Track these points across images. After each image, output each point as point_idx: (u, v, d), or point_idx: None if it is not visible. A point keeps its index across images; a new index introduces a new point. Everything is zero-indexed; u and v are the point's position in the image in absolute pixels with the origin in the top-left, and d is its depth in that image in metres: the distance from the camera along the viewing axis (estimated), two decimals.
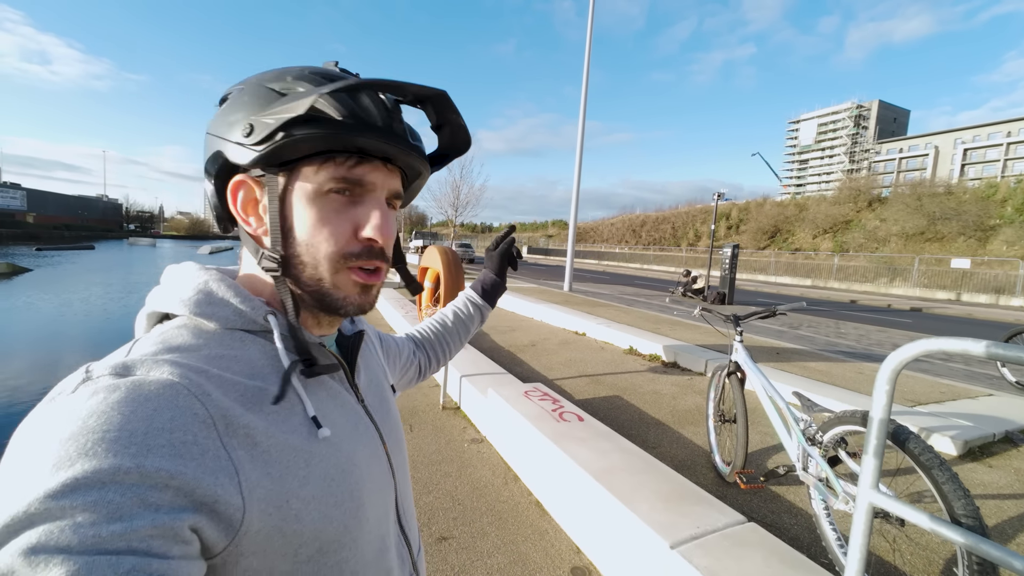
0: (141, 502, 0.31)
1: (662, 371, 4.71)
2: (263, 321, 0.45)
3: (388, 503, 0.52)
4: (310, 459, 0.42)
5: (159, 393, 0.35)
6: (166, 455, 0.33)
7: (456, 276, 3.25)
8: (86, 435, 0.31)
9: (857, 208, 32.37)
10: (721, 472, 2.47)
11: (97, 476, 0.30)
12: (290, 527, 0.39)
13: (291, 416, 0.42)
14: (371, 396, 0.56)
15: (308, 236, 0.45)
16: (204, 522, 0.34)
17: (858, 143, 79.76)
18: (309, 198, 0.44)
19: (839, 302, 15.98)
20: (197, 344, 0.42)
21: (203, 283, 0.45)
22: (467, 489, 2.59)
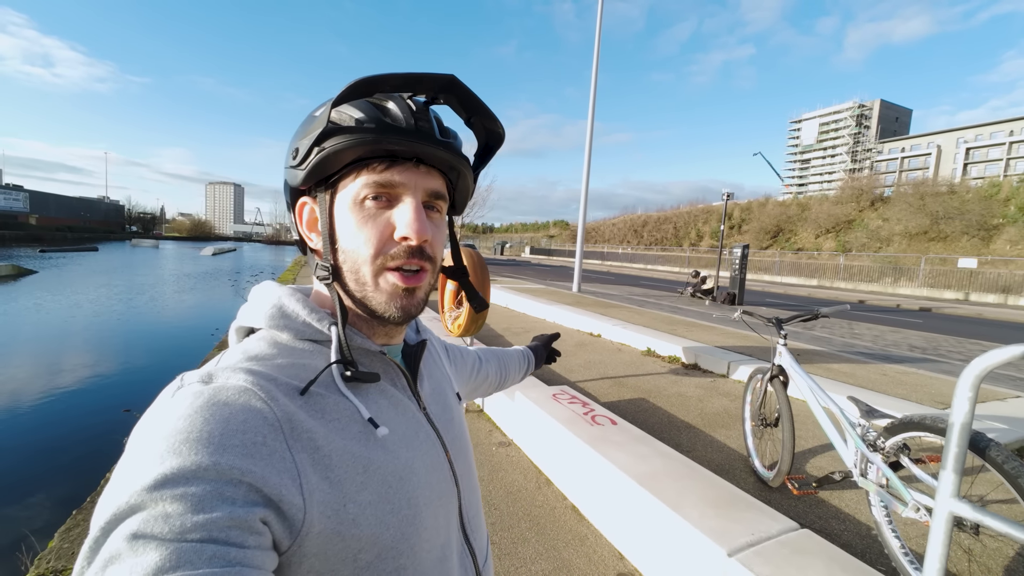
0: (219, 495, 0.34)
1: (683, 373, 4.68)
2: (327, 332, 0.48)
3: (451, 511, 0.53)
4: (368, 465, 0.43)
5: (235, 399, 0.39)
6: (239, 454, 0.36)
7: (482, 278, 3.23)
8: (175, 435, 0.35)
9: (860, 208, 32.30)
10: (763, 477, 2.44)
11: (182, 472, 0.34)
12: (348, 531, 0.40)
13: (351, 423, 0.44)
14: (434, 404, 0.57)
15: (349, 243, 0.47)
16: (272, 518, 0.36)
17: (860, 142, 79.62)
18: (349, 207, 0.47)
19: (847, 302, 15.94)
20: (271, 354, 0.45)
21: (277, 299, 0.49)
22: (501, 494, 2.57)
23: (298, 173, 0.48)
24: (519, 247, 68.74)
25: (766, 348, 5.37)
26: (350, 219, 0.47)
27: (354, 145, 0.45)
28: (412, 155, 0.47)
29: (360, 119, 0.45)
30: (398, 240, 0.47)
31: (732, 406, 3.75)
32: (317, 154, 0.46)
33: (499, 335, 6.40)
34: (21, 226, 62.63)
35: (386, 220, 0.47)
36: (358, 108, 0.46)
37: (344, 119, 0.46)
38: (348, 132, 0.45)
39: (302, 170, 0.47)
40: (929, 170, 62.16)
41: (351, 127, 0.45)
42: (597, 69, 11.26)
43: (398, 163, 0.47)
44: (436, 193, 0.50)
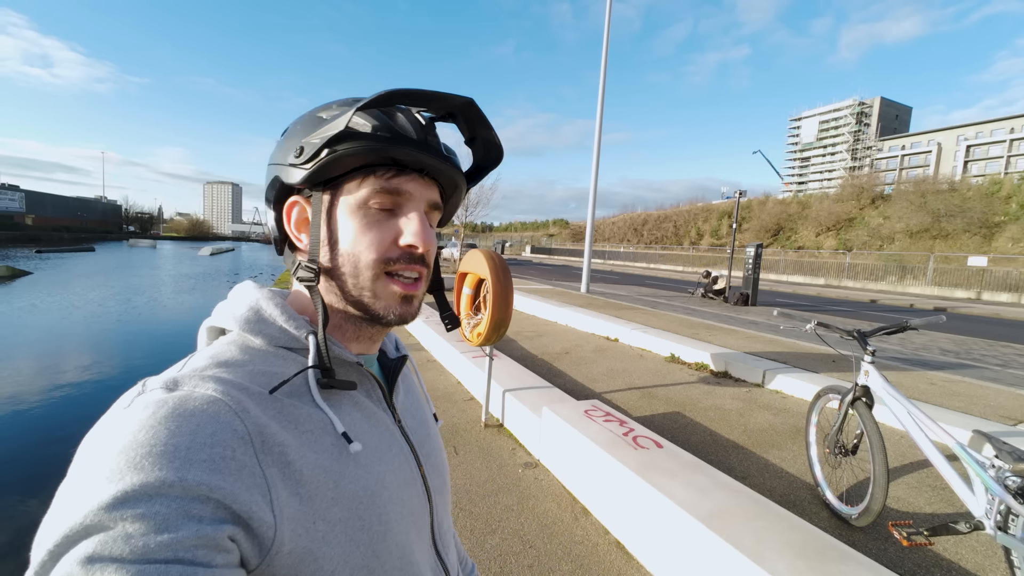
0: (185, 513, 0.32)
1: (715, 382, 4.38)
2: (304, 340, 0.46)
3: (423, 526, 0.51)
4: (339, 480, 0.42)
5: (203, 409, 0.36)
6: (207, 469, 0.33)
7: (506, 282, 2.92)
8: (136, 448, 0.32)
9: (860, 206, 32.19)
10: (840, 513, 2.13)
11: (145, 489, 0.31)
12: (319, 550, 0.38)
13: (322, 436, 0.42)
14: (409, 418, 0.56)
15: (351, 246, 0.46)
16: (241, 535, 0.34)
17: (860, 140, 79.42)
18: (352, 210, 0.47)
19: (859, 302, 15.66)
20: (243, 360, 0.43)
21: (255, 301, 0.47)
22: (535, 527, 2.27)
23: (297, 171, 0.46)
24: (519, 246, 68.47)
25: (799, 354, 5.08)
26: (353, 222, 0.47)
27: (367, 151, 0.45)
28: (419, 166, 0.48)
29: (374, 126, 0.46)
30: (402, 247, 0.47)
31: (777, 421, 3.45)
32: (328, 155, 0.45)
33: (511, 339, 6.10)
34: (17, 226, 62.13)
35: (390, 226, 0.47)
36: (371, 116, 0.46)
37: (358, 125, 0.46)
38: (361, 138, 0.45)
39: (304, 169, 0.46)
40: (930, 168, 61.95)
41: (365, 133, 0.45)
42: (605, 68, 10.96)
43: (404, 172, 0.47)
44: (435, 204, 0.51)
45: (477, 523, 2.27)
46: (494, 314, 2.88)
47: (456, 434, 3.24)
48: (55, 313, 11.17)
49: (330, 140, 0.44)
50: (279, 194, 0.49)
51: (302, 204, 0.49)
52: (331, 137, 0.44)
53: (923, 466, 2.81)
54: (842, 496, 2.23)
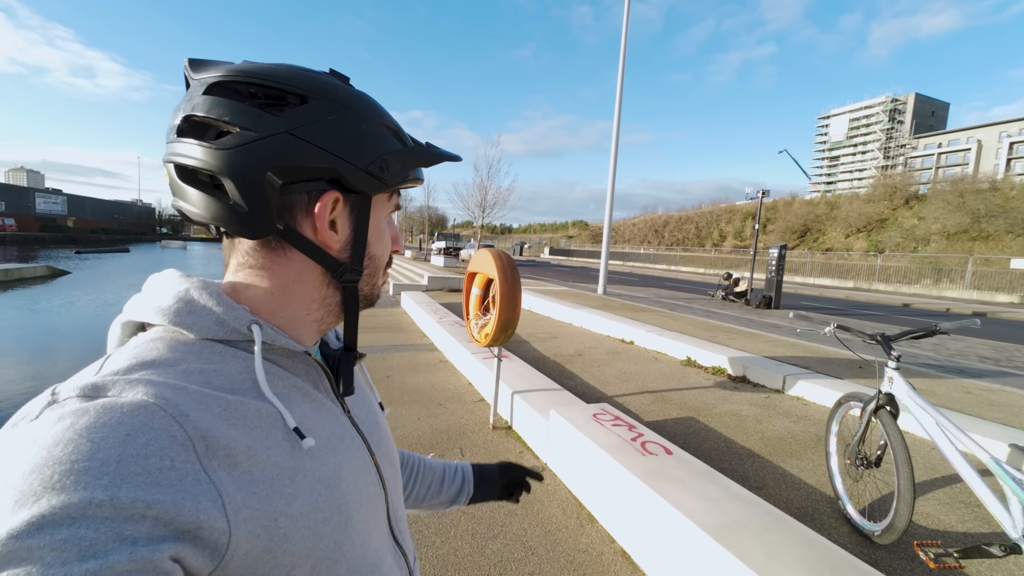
0: (116, 536, 0.29)
1: (732, 387, 4.23)
2: (246, 331, 0.43)
3: (379, 514, 0.52)
4: (295, 475, 0.40)
5: (132, 416, 0.32)
6: (142, 483, 0.30)
7: (513, 282, 2.87)
8: (52, 466, 0.29)
9: (893, 206, 31.06)
10: (862, 528, 2.00)
11: (66, 511, 0.28)
12: (280, 547, 0.37)
13: (273, 431, 0.40)
14: (357, 408, 0.55)
15: (380, 251, 0.52)
16: (187, 550, 0.32)
17: (893, 138, 76.38)
18: (379, 221, 0.51)
19: (891, 306, 15.02)
20: (174, 358, 0.39)
21: (184, 291, 0.43)
22: (538, 533, 2.21)
23: (373, 182, 0.47)
24: (538, 248, 68.32)
25: (823, 359, 4.87)
26: (379, 229, 0.51)
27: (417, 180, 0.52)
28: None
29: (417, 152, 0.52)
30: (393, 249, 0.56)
31: (797, 429, 3.30)
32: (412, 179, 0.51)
33: (524, 340, 6.04)
34: (59, 228, 65.33)
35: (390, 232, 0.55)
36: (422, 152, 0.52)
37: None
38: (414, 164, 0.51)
39: (385, 184, 0.48)
40: (969, 166, 59.12)
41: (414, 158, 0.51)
42: (623, 70, 10.81)
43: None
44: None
45: (479, 527, 2.23)
46: (501, 314, 2.84)
47: (464, 435, 3.21)
48: (90, 309, 11.66)
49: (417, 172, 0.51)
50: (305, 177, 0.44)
51: (342, 203, 0.47)
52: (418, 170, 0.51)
53: (954, 481, 2.63)
54: (864, 511, 2.09)
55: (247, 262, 0.46)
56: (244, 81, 0.43)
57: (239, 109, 0.42)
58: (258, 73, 0.43)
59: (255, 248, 0.45)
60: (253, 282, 0.46)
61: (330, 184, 0.45)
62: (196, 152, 0.42)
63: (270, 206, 0.43)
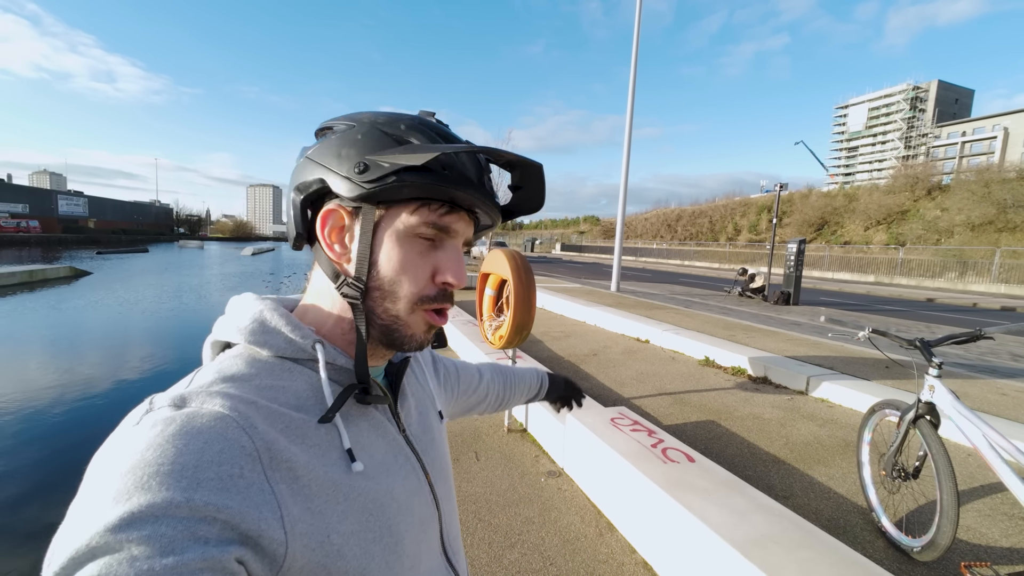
0: (191, 535, 0.31)
1: (753, 388, 4.11)
2: (311, 350, 0.46)
3: (432, 535, 0.51)
4: (348, 493, 0.42)
5: (210, 426, 0.36)
6: (214, 488, 0.33)
7: (528, 283, 2.80)
8: (143, 468, 0.32)
9: (915, 197, 30.16)
10: (899, 543, 1.90)
11: (151, 510, 0.31)
12: (334, 564, 0.38)
13: (330, 449, 0.43)
14: (414, 425, 0.55)
15: (392, 273, 0.46)
16: (249, 556, 0.34)
17: (915, 127, 74.18)
18: (399, 237, 0.46)
19: (915, 300, 14.59)
20: (249, 374, 0.43)
21: (258, 312, 0.47)
22: (556, 541, 2.15)
23: (354, 186, 0.45)
24: (549, 244, 68.06)
25: (848, 359, 4.71)
26: (397, 250, 0.46)
27: (433, 187, 0.45)
28: (470, 207, 0.48)
29: (443, 163, 0.45)
30: (439, 283, 0.48)
31: (823, 434, 3.18)
32: (394, 182, 0.44)
33: (538, 340, 5.97)
34: (81, 229, 66.98)
35: (432, 261, 0.48)
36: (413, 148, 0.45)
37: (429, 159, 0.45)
38: (430, 173, 0.45)
39: (364, 187, 0.45)
40: (995, 155, 57.18)
41: (433, 169, 0.45)
42: (636, 64, 10.62)
43: (455, 210, 0.47)
44: (468, 240, 0.51)
45: (496, 535, 2.18)
46: (515, 316, 2.78)
47: (478, 439, 3.17)
48: (112, 309, 11.90)
49: (405, 168, 0.44)
50: (315, 194, 0.48)
51: (341, 213, 0.47)
52: (406, 166, 0.44)
53: (995, 490, 2.50)
54: (901, 523, 1.99)
55: (313, 287, 0.51)
56: (325, 125, 0.50)
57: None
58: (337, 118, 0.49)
59: (316, 274, 0.50)
60: (316, 303, 0.50)
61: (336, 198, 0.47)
62: None
63: (297, 221, 0.48)
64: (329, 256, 0.48)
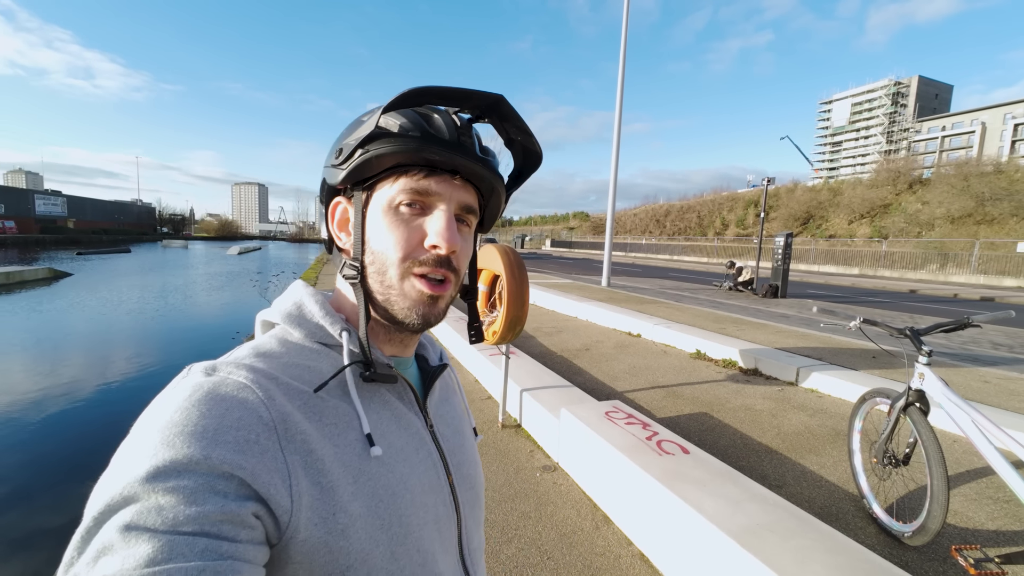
0: (211, 488, 0.34)
1: (744, 380, 4.15)
2: (338, 337, 0.48)
3: (448, 538, 0.50)
4: (359, 476, 0.42)
5: (232, 395, 0.38)
6: (231, 449, 0.35)
7: (521, 279, 2.79)
8: (170, 428, 0.35)
9: (896, 191, 30.77)
10: (890, 529, 1.93)
11: (175, 465, 0.33)
12: (337, 543, 0.39)
13: (347, 431, 0.43)
14: (443, 425, 0.55)
15: (380, 244, 0.47)
16: (263, 512, 0.35)
17: (896, 122, 75.53)
18: (383, 210, 0.47)
19: (898, 292, 14.89)
20: (279, 352, 0.46)
21: (299, 298, 0.50)
22: (553, 536, 2.15)
23: (338, 172, 0.48)
24: (539, 240, 68.14)
25: (836, 350, 4.79)
26: (383, 221, 0.47)
27: (397, 151, 0.45)
28: (451, 167, 0.47)
29: (405, 126, 0.46)
30: (427, 248, 0.47)
31: (813, 423, 3.23)
32: (360, 156, 0.46)
33: (530, 335, 5.97)
34: (60, 230, 65.25)
35: (418, 226, 0.47)
36: (404, 116, 0.46)
37: (390, 125, 0.46)
38: (393, 137, 0.45)
39: (343, 169, 0.47)
40: (973, 149, 58.47)
41: (396, 133, 0.45)
42: (624, 60, 10.62)
43: (436, 173, 0.47)
44: (468, 207, 0.50)
45: (493, 531, 2.17)
46: (509, 312, 2.77)
47: None
48: (95, 311, 11.63)
49: (363, 140, 0.45)
50: (328, 195, 0.51)
51: (344, 204, 0.50)
52: (364, 138, 0.45)
53: (981, 475, 2.56)
54: (891, 509, 2.03)
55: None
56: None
57: None
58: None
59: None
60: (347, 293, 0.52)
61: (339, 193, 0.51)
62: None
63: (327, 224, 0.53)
64: (340, 247, 0.52)
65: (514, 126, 0.49)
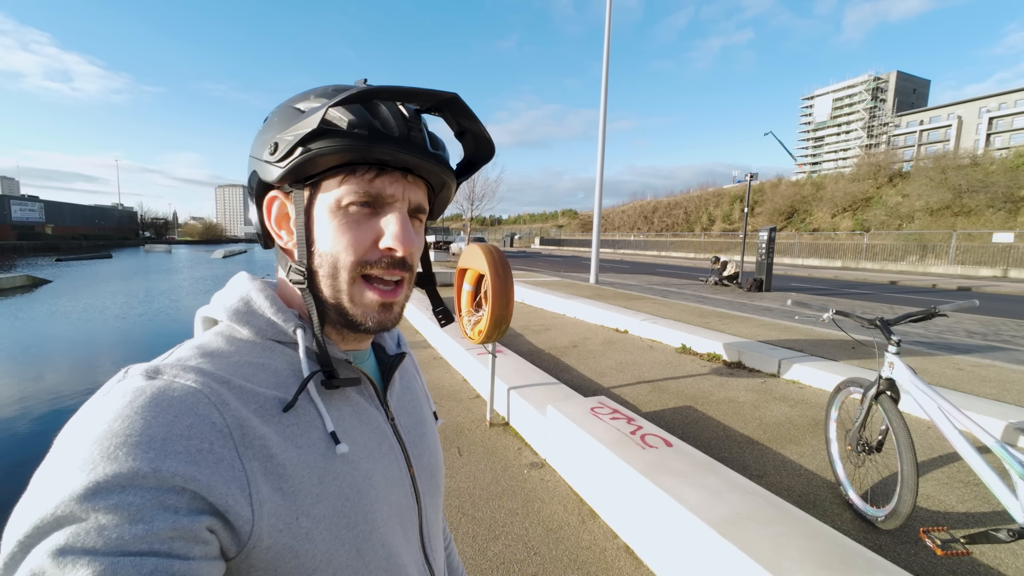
0: (160, 504, 0.31)
1: (728, 373, 4.22)
2: (292, 333, 0.45)
3: (410, 529, 0.50)
4: (324, 476, 0.41)
5: (181, 400, 0.35)
6: (183, 460, 0.33)
7: (505, 277, 2.80)
8: (111, 438, 0.32)
9: (877, 184, 31.44)
10: (865, 514, 1.99)
11: (118, 480, 0.31)
12: (302, 547, 0.38)
13: (310, 430, 0.42)
14: (404, 416, 0.54)
15: (330, 247, 0.44)
16: (219, 526, 0.34)
17: (876, 117, 77.00)
18: (331, 211, 0.44)
19: (879, 283, 15.22)
20: (227, 351, 0.42)
21: (246, 293, 0.47)
22: (540, 531, 2.17)
23: (273, 169, 0.44)
24: (528, 238, 68.21)
25: (817, 342, 4.89)
26: (330, 223, 0.44)
27: (344, 150, 0.42)
28: (402, 165, 0.45)
29: (352, 122, 0.42)
30: (382, 249, 0.45)
31: (794, 414, 3.30)
32: (302, 154, 0.42)
33: (518, 334, 6.00)
34: (38, 236, 63.63)
35: (370, 227, 0.45)
36: (350, 111, 0.42)
37: (336, 120, 0.42)
38: (338, 135, 0.42)
39: (279, 167, 0.43)
40: (950, 143, 59.84)
41: (341, 130, 0.42)
42: (608, 59, 10.68)
43: (386, 171, 0.44)
44: (419, 205, 0.48)
45: (480, 528, 2.19)
46: (494, 311, 2.78)
47: (461, 434, 3.16)
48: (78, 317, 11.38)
49: (304, 138, 0.42)
50: (259, 188, 0.47)
51: (282, 200, 0.47)
52: (305, 135, 0.41)
53: (952, 460, 2.64)
54: (866, 496, 2.09)
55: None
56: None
57: None
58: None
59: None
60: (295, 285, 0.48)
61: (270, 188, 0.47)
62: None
63: (256, 217, 0.49)
64: (279, 244, 0.48)
65: (467, 120, 0.47)
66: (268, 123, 0.46)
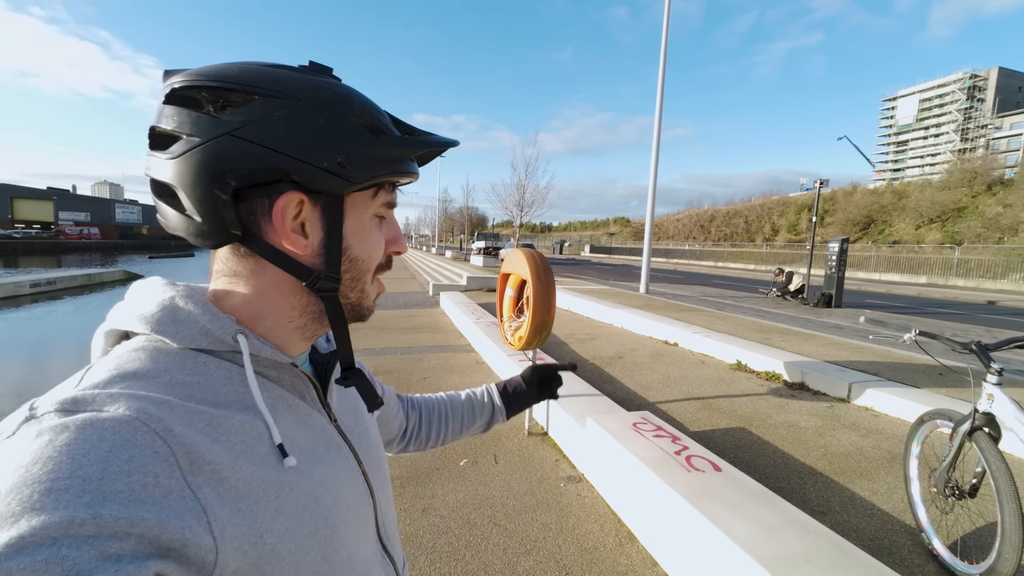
0: (100, 554, 0.28)
1: (788, 395, 3.88)
2: (231, 341, 0.42)
3: (368, 524, 0.51)
4: (280, 489, 0.39)
5: (114, 431, 0.31)
6: (125, 500, 0.30)
7: (547, 283, 2.74)
8: (31, 486, 0.28)
9: (973, 193, 28.28)
10: (951, 568, 1.72)
11: (46, 532, 0.27)
12: (268, 564, 0.36)
13: (258, 445, 0.40)
14: (345, 416, 0.54)
15: (360, 253, 0.46)
16: (172, 568, 0.31)
17: (972, 118, 69.25)
18: (362, 221, 0.46)
19: (973, 303, 13.58)
20: (156, 369, 0.38)
21: (169, 299, 0.42)
22: (574, 550, 2.07)
23: (336, 180, 0.42)
24: (578, 246, 67.58)
25: (894, 365, 4.39)
26: (362, 232, 0.46)
27: (403, 172, 0.46)
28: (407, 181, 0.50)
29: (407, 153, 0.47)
30: (390, 252, 0.50)
31: (866, 444, 2.96)
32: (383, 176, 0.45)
33: (562, 342, 5.88)
34: (136, 236, 71.50)
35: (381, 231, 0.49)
36: (403, 143, 0.46)
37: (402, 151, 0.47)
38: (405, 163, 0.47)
39: (351, 181, 0.43)
40: None
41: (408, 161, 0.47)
42: (664, 65, 10.37)
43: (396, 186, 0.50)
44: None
45: (511, 541, 2.12)
46: (535, 317, 2.72)
47: (497, 441, 3.12)
48: None
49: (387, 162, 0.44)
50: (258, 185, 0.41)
51: (305, 203, 0.43)
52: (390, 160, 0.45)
53: None
54: (955, 547, 1.80)
55: (223, 269, 0.45)
56: (195, 85, 0.40)
57: (186, 115, 0.40)
58: (209, 75, 0.41)
59: (227, 255, 0.44)
60: (233, 289, 0.45)
61: (293, 185, 0.42)
62: (156, 164, 0.41)
63: (221, 213, 0.41)
64: (290, 250, 0.43)
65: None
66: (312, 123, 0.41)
